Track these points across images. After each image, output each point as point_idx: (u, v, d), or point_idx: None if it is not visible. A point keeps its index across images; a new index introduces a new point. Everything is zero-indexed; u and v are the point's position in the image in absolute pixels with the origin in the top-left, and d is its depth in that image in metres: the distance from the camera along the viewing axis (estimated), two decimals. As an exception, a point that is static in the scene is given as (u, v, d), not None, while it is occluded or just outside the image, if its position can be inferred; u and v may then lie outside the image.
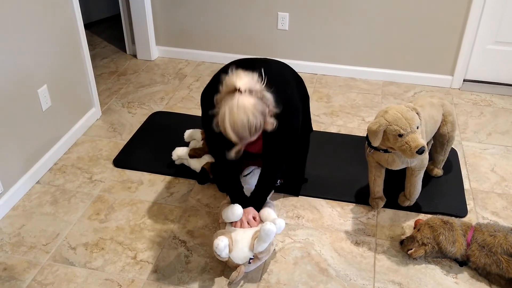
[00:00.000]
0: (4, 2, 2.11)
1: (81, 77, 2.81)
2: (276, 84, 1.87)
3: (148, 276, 1.95)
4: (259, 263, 1.95)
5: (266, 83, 1.78)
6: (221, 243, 1.83)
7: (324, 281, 1.94)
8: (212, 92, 1.83)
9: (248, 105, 1.66)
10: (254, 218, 2.03)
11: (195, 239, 2.13)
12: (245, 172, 2.26)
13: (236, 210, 1.97)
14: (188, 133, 2.58)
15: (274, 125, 1.80)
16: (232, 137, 1.70)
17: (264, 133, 1.87)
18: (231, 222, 2.02)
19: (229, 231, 1.95)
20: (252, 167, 2.28)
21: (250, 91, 1.69)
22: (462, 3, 3.09)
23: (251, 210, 2.05)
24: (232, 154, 1.81)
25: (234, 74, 1.73)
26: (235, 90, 1.68)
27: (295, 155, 2.31)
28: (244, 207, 2.04)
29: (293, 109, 1.98)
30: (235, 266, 1.90)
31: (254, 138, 1.76)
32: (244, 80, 1.69)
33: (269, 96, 1.76)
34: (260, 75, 1.80)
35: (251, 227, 1.99)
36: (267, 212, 2.03)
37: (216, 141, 2.00)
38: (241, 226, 2.00)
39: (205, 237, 2.14)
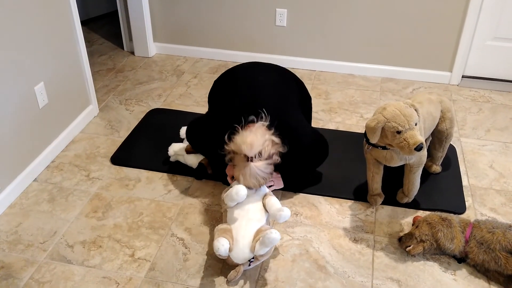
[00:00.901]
0: (0, -2, 2.10)
1: (78, 74, 2.80)
2: (280, 116, 2.05)
3: (146, 274, 1.95)
4: (258, 263, 1.95)
5: (271, 124, 1.99)
6: (222, 247, 1.80)
7: (323, 278, 1.93)
8: (217, 129, 2.06)
9: (258, 172, 1.92)
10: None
11: (193, 237, 2.12)
12: None
13: (240, 190, 1.92)
14: (184, 130, 2.58)
15: (279, 161, 1.99)
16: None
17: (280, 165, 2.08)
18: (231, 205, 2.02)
19: (230, 228, 1.92)
20: None
21: (260, 154, 1.90)
22: (460, -1, 3.08)
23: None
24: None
25: (243, 139, 1.90)
26: (246, 157, 1.90)
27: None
28: None
29: (300, 136, 2.13)
30: (234, 265, 1.90)
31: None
32: (253, 148, 1.88)
33: (277, 140, 1.95)
34: (266, 116, 2.00)
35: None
36: (272, 201, 1.99)
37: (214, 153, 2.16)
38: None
39: (203, 235, 2.13)
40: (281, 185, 2.31)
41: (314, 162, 2.29)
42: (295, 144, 2.09)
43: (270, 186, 2.27)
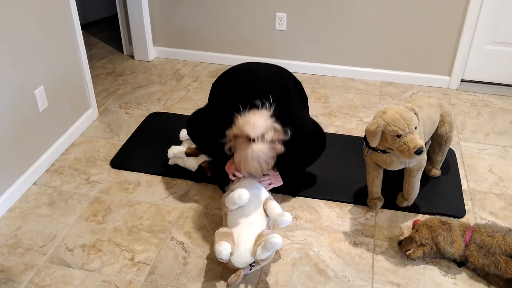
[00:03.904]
0: (0, 2, 2.10)
1: (78, 78, 2.80)
2: (282, 105, 2.02)
3: (145, 277, 1.94)
4: (259, 267, 1.94)
5: (273, 113, 1.94)
6: (224, 251, 1.79)
7: (323, 282, 1.93)
8: (219, 116, 2.03)
9: (261, 154, 1.85)
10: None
11: (193, 240, 2.12)
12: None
13: (243, 194, 1.91)
14: (184, 132, 2.58)
15: (282, 150, 1.94)
16: (245, 174, 2.02)
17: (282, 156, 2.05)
18: (229, 202, 2.01)
19: (231, 232, 1.92)
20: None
21: (262, 137, 1.85)
22: (459, 3, 3.09)
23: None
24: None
25: (246, 120, 1.86)
26: (248, 139, 1.84)
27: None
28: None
29: (301, 126, 2.11)
30: (235, 269, 1.89)
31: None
32: (256, 128, 1.83)
33: (279, 127, 1.91)
34: (268, 103, 1.95)
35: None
36: (273, 205, 1.99)
37: (214, 146, 2.12)
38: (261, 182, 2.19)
39: (203, 238, 2.13)
40: (280, 183, 2.28)
41: (313, 154, 2.25)
42: (296, 133, 2.04)
43: (269, 184, 2.25)
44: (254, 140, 1.84)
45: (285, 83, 2.14)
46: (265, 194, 2.06)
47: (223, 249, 1.79)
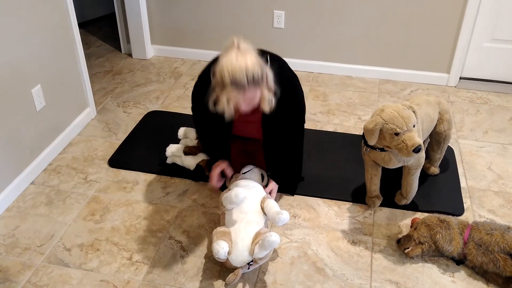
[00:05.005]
0: (-3, 1, 2.10)
1: (76, 77, 2.79)
2: (275, 64, 1.93)
3: (143, 277, 1.94)
4: (257, 266, 1.94)
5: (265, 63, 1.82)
6: (222, 250, 1.79)
7: (321, 280, 1.93)
8: (208, 77, 1.88)
9: (247, 55, 1.72)
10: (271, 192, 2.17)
11: (191, 240, 2.11)
12: (244, 170, 2.25)
13: (240, 193, 1.91)
14: (182, 131, 2.58)
15: (273, 103, 1.86)
16: (228, 83, 1.72)
17: (269, 116, 1.95)
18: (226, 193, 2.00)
19: (229, 231, 1.92)
20: (251, 166, 2.26)
21: (250, 49, 1.75)
22: (458, 0, 3.08)
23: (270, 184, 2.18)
24: (227, 115, 1.85)
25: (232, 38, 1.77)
26: (233, 45, 1.74)
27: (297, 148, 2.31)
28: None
29: (293, 87, 2.06)
30: (233, 268, 1.89)
31: (251, 92, 1.77)
32: (243, 42, 1.75)
33: (269, 71, 1.82)
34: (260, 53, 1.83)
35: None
36: (271, 204, 1.99)
37: (205, 117, 2.07)
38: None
39: (201, 237, 2.12)
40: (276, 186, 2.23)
41: (300, 100, 2.15)
42: (289, 92, 2.00)
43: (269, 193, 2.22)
44: (239, 48, 1.74)
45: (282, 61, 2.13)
46: (262, 192, 2.06)
47: (221, 248, 1.79)
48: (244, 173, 2.23)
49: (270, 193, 2.17)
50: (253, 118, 2.10)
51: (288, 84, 2.03)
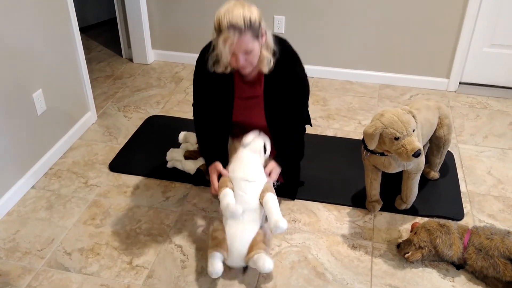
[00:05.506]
0: (-1, 6, 2.11)
1: (77, 81, 2.80)
2: (278, 38, 1.99)
3: (143, 281, 1.94)
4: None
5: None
6: (215, 272, 1.84)
7: (321, 285, 1.93)
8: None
9: (246, 5, 1.74)
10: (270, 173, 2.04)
11: (191, 244, 2.12)
12: (246, 141, 2.05)
13: (237, 211, 1.89)
14: (182, 135, 2.58)
15: (271, 63, 1.89)
16: (225, 27, 1.74)
17: (271, 90, 1.94)
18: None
19: (224, 237, 1.91)
20: (253, 135, 2.07)
21: (251, 5, 1.76)
22: (457, 6, 3.10)
23: (271, 164, 2.05)
24: (224, 60, 1.87)
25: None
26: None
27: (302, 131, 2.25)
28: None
29: (295, 58, 2.07)
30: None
31: (248, 38, 1.76)
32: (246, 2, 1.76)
33: (268, 32, 1.85)
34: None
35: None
36: (270, 203, 1.93)
37: (203, 90, 2.06)
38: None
39: (202, 242, 2.13)
40: (278, 169, 2.08)
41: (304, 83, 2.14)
42: (290, 61, 2.02)
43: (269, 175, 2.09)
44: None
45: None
46: (262, 185, 1.97)
47: (214, 273, 1.84)
48: (246, 145, 2.06)
49: (270, 174, 2.04)
50: (254, 92, 2.04)
51: (290, 54, 2.02)
